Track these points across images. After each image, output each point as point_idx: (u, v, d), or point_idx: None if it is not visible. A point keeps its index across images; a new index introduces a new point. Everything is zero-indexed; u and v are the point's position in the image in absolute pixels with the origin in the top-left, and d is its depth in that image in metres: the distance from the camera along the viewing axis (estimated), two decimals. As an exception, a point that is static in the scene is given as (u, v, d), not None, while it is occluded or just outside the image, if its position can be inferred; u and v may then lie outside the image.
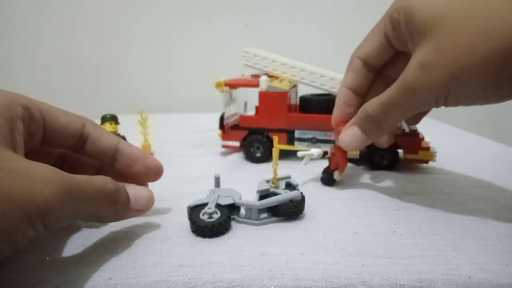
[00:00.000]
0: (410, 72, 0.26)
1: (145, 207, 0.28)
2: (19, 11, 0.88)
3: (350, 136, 0.32)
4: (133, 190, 0.27)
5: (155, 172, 0.30)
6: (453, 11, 0.24)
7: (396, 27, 0.29)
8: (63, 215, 0.20)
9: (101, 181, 0.23)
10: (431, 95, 0.25)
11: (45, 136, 0.26)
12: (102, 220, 0.26)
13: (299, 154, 0.37)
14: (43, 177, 0.19)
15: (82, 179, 0.22)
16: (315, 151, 0.38)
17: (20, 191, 0.18)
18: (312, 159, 0.38)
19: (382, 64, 0.32)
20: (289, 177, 0.32)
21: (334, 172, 0.36)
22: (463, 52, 0.23)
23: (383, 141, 0.34)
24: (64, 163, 0.30)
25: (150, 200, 0.28)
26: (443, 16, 0.24)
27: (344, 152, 0.36)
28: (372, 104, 0.29)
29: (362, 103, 0.32)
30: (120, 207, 0.25)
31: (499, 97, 0.25)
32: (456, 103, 0.26)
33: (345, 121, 0.33)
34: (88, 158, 0.29)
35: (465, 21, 0.24)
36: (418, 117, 0.34)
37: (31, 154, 0.22)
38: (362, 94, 0.33)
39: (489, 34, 0.23)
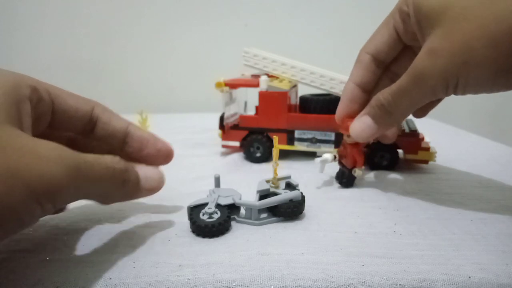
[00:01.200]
0: (420, 59, 0.26)
1: (156, 187, 0.27)
2: (19, 11, 0.88)
3: (362, 126, 0.31)
4: (143, 170, 0.26)
5: (166, 155, 0.30)
6: None
7: (405, 19, 0.29)
8: (71, 194, 0.20)
9: (110, 160, 0.23)
10: (441, 82, 0.25)
11: (54, 119, 0.25)
12: (113, 200, 0.25)
13: (316, 161, 0.37)
14: (51, 155, 0.19)
15: (90, 157, 0.21)
16: (328, 156, 0.37)
17: (28, 169, 0.18)
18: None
19: (391, 60, 0.32)
20: (289, 177, 0.32)
21: (353, 170, 0.35)
22: (472, 38, 0.23)
23: (391, 135, 0.34)
24: (73, 148, 0.29)
25: (161, 180, 0.28)
26: (451, 4, 0.24)
27: (357, 147, 0.35)
28: (384, 93, 0.29)
29: (367, 100, 0.32)
30: (130, 186, 0.25)
31: (509, 84, 0.24)
32: (465, 91, 0.25)
33: (350, 116, 0.33)
34: (98, 142, 0.28)
35: (473, 7, 0.24)
36: (425, 110, 0.33)
37: (39, 137, 0.22)
38: (369, 91, 0.33)
39: (497, 18, 0.22)
